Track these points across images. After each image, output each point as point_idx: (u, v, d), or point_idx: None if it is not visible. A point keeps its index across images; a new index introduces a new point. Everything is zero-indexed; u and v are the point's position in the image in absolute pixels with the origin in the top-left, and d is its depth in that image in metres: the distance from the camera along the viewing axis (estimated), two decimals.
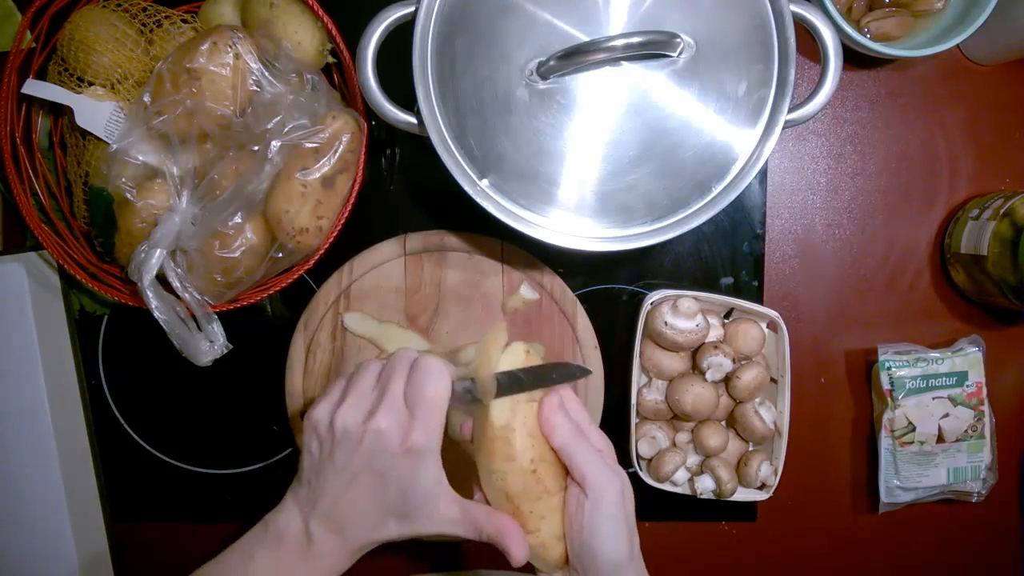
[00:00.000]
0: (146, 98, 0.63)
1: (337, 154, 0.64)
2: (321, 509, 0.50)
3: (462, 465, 0.54)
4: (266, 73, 0.63)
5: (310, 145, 0.63)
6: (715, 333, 0.73)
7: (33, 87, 0.66)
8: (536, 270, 0.74)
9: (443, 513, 0.49)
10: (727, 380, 0.72)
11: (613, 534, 0.49)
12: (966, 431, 0.74)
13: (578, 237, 0.57)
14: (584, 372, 0.50)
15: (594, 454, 0.50)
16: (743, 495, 0.73)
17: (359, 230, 0.72)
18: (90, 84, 0.67)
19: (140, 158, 0.65)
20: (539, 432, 0.51)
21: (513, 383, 0.50)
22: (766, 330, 0.73)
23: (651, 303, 0.72)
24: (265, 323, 0.77)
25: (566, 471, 0.52)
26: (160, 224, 0.63)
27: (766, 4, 0.56)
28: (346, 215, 0.66)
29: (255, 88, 0.63)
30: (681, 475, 0.72)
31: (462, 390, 0.50)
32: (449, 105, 0.56)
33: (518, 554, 0.49)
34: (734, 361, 0.71)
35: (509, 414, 0.50)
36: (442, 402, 0.49)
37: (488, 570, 0.75)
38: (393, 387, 0.49)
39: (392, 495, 0.49)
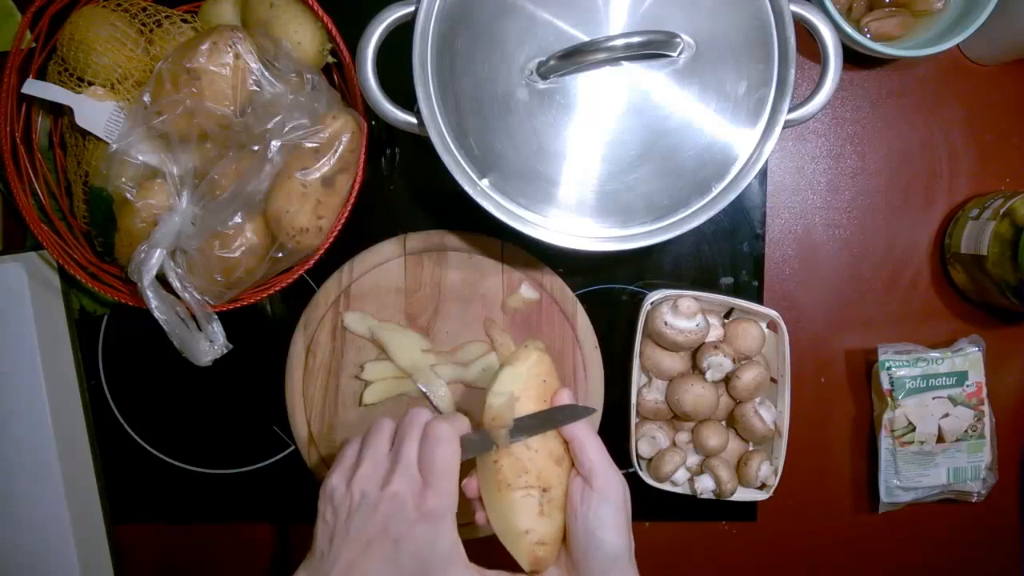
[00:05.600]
0: (146, 98, 0.63)
1: (337, 154, 0.64)
2: None
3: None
4: (266, 73, 0.63)
5: (310, 145, 0.63)
6: (715, 333, 0.73)
7: (33, 87, 0.66)
8: (536, 270, 0.74)
9: None
10: (727, 380, 0.72)
11: (615, 526, 0.51)
12: (966, 431, 0.74)
13: (578, 237, 0.57)
14: (587, 411, 0.52)
15: (604, 451, 0.53)
16: (743, 495, 0.72)
17: (359, 230, 0.72)
18: (90, 84, 0.67)
19: (140, 158, 0.65)
20: (537, 459, 0.53)
21: (524, 429, 0.52)
22: (766, 330, 0.73)
23: (651, 303, 0.72)
24: (265, 323, 0.77)
25: (559, 472, 0.54)
26: (160, 224, 0.63)
27: (766, 4, 0.56)
28: (346, 215, 0.66)
29: (255, 88, 0.63)
30: (681, 475, 0.72)
31: (474, 440, 0.52)
32: (449, 105, 0.56)
33: None
34: (734, 361, 0.71)
35: (509, 415, 0.53)
36: (454, 467, 0.50)
37: (486, 570, 0.75)
38: (406, 451, 0.50)
39: (406, 563, 0.48)
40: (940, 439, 0.74)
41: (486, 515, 0.54)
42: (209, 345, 0.66)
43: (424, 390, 0.73)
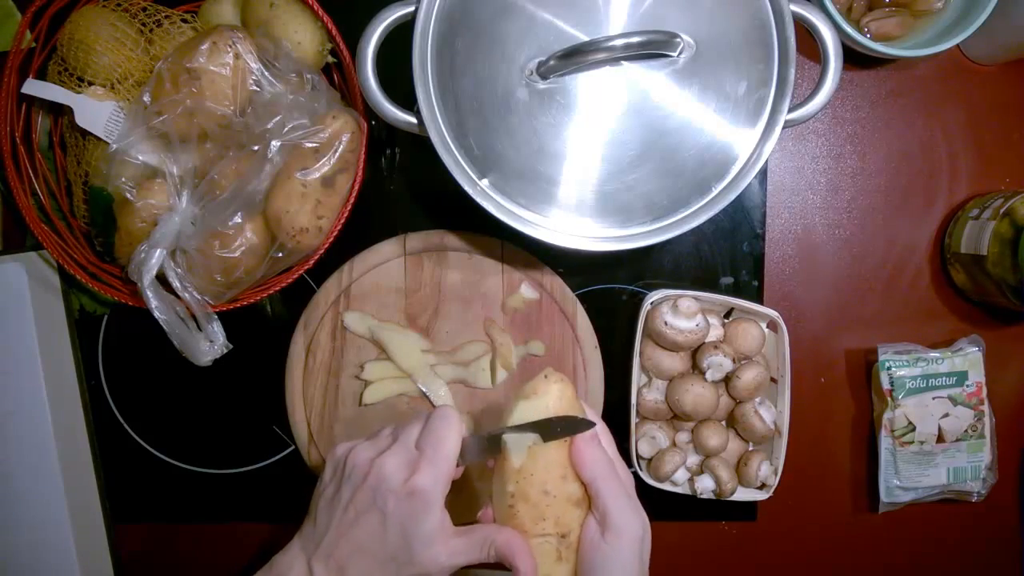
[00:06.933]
0: (146, 98, 0.63)
1: (337, 154, 0.64)
2: (324, 548, 0.49)
3: (465, 490, 0.54)
4: (266, 73, 0.63)
5: (310, 145, 0.63)
6: (715, 333, 0.73)
7: (33, 87, 0.66)
8: (536, 270, 0.74)
9: (447, 552, 0.49)
10: (727, 380, 0.72)
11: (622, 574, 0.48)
12: (966, 431, 0.74)
13: (578, 237, 0.57)
14: (588, 425, 0.50)
15: (623, 493, 0.49)
16: (743, 495, 0.73)
17: (359, 230, 0.72)
18: (90, 84, 0.67)
19: (140, 158, 0.65)
20: (556, 477, 0.51)
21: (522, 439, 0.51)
22: (766, 330, 0.73)
23: (651, 303, 0.72)
24: (265, 323, 0.77)
25: (579, 514, 0.51)
26: (160, 224, 0.63)
27: (766, 4, 0.56)
28: (346, 215, 0.66)
29: (255, 88, 0.63)
30: (681, 475, 0.72)
31: (476, 444, 0.51)
32: (449, 105, 0.56)
33: (526, 568, 0.49)
34: (734, 361, 0.71)
35: (528, 459, 0.51)
36: (451, 448, 0.49)
37: (485, 570, 0.75)
38: (408, 432, 0.50)
39: (393, 537, 0.48)
40: (940, 439, 0.74)
41: None
42: (209, 345, 0.66)
43: (424, 390, 0.73)
